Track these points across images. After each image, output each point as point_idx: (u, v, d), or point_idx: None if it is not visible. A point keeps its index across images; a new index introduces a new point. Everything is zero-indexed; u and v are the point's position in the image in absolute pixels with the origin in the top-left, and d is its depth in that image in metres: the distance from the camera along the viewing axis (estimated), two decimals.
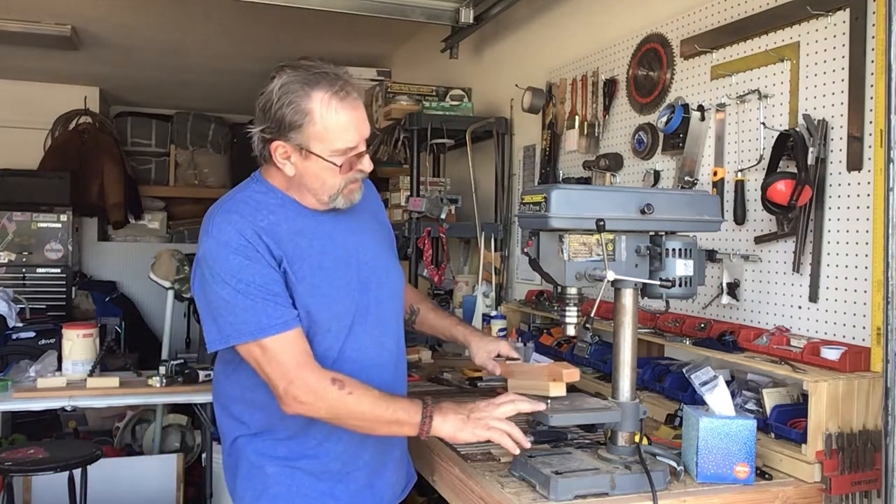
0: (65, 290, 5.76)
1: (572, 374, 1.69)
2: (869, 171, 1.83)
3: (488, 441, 1.61)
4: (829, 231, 1.93)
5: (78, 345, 3.01)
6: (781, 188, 1.95)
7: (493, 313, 3.08)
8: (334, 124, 1.53)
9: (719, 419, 1.66)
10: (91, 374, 2.98)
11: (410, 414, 1.55)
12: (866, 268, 1.83)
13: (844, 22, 1.90)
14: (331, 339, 1.62)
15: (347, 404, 1.53)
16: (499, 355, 1.91)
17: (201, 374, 3.02)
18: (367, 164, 1.61)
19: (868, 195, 1.83)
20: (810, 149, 1.95)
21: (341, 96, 1.53)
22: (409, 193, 3.62)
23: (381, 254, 1.75)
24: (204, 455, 3.21)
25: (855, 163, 1.87)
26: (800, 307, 2.01)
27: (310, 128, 1.53)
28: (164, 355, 3.87)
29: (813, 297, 1.97)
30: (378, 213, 1.86)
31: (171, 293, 3.88)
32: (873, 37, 1.83)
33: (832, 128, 1.93)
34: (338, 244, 1.64)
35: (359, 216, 1.73)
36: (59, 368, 3.03)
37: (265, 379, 1.54)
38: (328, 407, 1.53)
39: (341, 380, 1.53)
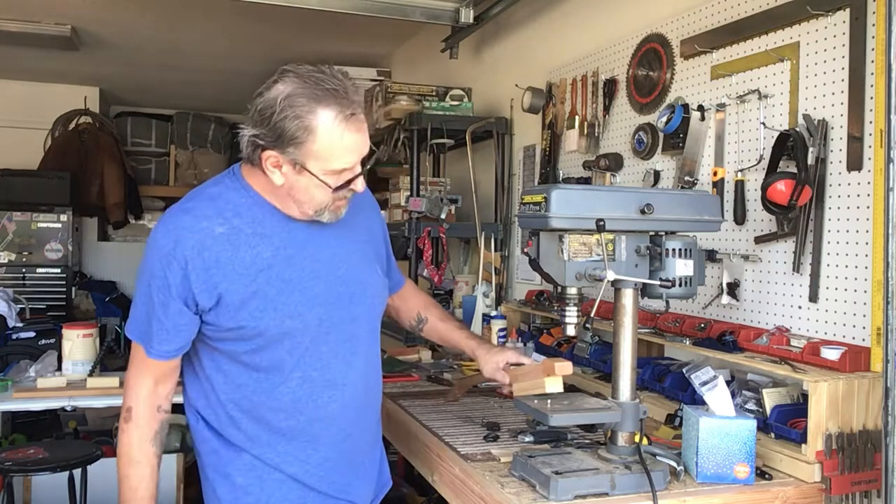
0: (65, 290, 5.77)
1: (564, 366, 1.69)
2: (869, 171, 1.83)
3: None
4: (829, 231, 1.93)
5: (78, 345, 3.01)
6: (781, 188, 1.95)
7: (493, 313, 3.08)
8: (337, 146, 1.46)
9: (719, 419, 1.66)
10: (91, 374, 2.98)
11: (127, 498, 1.59)
12: (866, 268, 1.83)
13: (844, 22, 1.90)
14: (282, 352, 1.56)
15: (122, 439, 1.59)
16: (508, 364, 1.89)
17: None
18: (359, 186, 1.55)
19: (868, 195, 1.83)
20: (810, 149, 1.95)
21: (349, 119, 1.46)
22: (409, 193, 3.61)
23: (361, 267, 1.67)
24: None
25: (855, 163, 1.87)
26: (800, 307, 2.01)
27: (310, 146, 1.45)
28: None
29: (813, 297, 1.97)
30: (369, 221, 1.77)
31: None
32: (873, 37, 1.83)
33: (832, 128, 1.93)
34: (308, 255, 1.58)
35: (343, 225, 1.64)
36: (59, 368, 3.03)
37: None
38: (121, 434, 1.59)
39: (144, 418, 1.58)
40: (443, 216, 3.45)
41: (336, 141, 1.46)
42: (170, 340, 1.54)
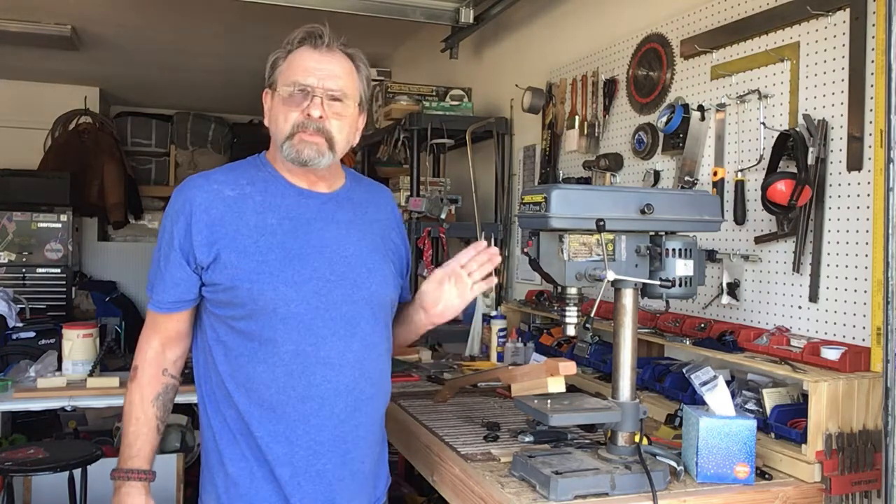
0: (65, 290, 5.77)
1: (568, 366, 1.69)
2: (869, 171, 1.83)
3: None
4: (829, 231, 1.93)
5: (78, 345, 3.01)
6: (781, 188, 1.96)
7: (493, 313, 3.08)
8: (298, 63, 1.60)
9: (719, 419, 1.66)
10: (91, 374, 2.98)
11: (123, 456, 1.62)
12: (866, 268, 1.83)
13: (844, 22, 1.91)
14: (276, 321, 1.55)
15: (128, 390, 1.64)
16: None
17: None
18: (314, 109, 1.58)
19: (868, 195, 1.83)
20: (810, 149, 1.95)
21: (317, 46, 1.61)
22: (409, 193, 3.62)
23: (369, 255, 1.66)
24: None
25: (855, 163, 1.87)
26: (800, 307, 2.01)
27: (281, 65, 1.62)
28: None
29: (813, 297, 1.97)
30: (392, 233, 1.77)
31: None
32: (873, 37, 1.83)
33: (832, 128, 1.93)
34: (314, 230, 1.61)
35: (359, 215, 1.68)
36: (59, 368, 3.03)
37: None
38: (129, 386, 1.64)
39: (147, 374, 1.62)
40: (443, 216, 3.45)
41: (298, 58, 1.61)
42: (166, 291, 1.58)
